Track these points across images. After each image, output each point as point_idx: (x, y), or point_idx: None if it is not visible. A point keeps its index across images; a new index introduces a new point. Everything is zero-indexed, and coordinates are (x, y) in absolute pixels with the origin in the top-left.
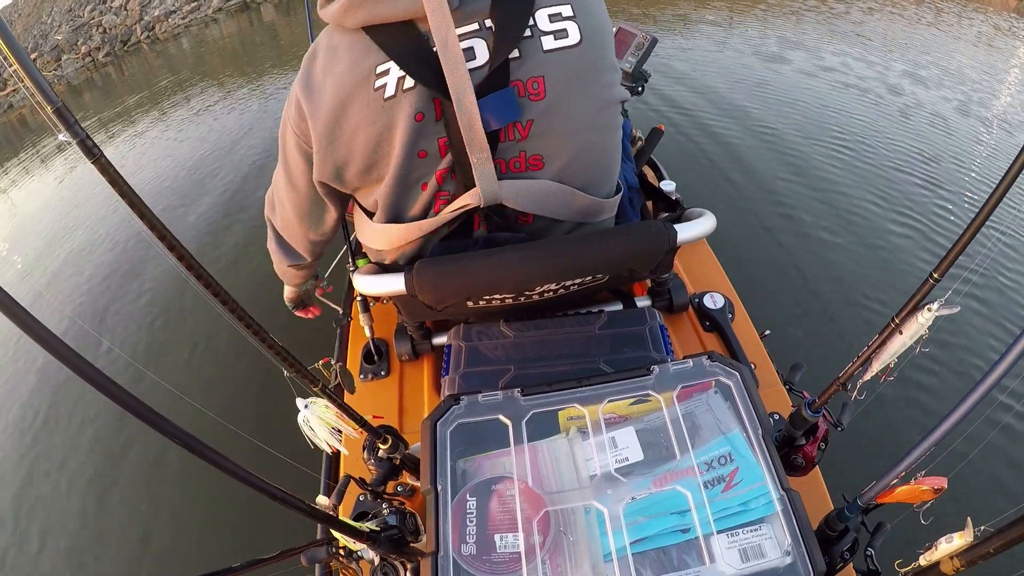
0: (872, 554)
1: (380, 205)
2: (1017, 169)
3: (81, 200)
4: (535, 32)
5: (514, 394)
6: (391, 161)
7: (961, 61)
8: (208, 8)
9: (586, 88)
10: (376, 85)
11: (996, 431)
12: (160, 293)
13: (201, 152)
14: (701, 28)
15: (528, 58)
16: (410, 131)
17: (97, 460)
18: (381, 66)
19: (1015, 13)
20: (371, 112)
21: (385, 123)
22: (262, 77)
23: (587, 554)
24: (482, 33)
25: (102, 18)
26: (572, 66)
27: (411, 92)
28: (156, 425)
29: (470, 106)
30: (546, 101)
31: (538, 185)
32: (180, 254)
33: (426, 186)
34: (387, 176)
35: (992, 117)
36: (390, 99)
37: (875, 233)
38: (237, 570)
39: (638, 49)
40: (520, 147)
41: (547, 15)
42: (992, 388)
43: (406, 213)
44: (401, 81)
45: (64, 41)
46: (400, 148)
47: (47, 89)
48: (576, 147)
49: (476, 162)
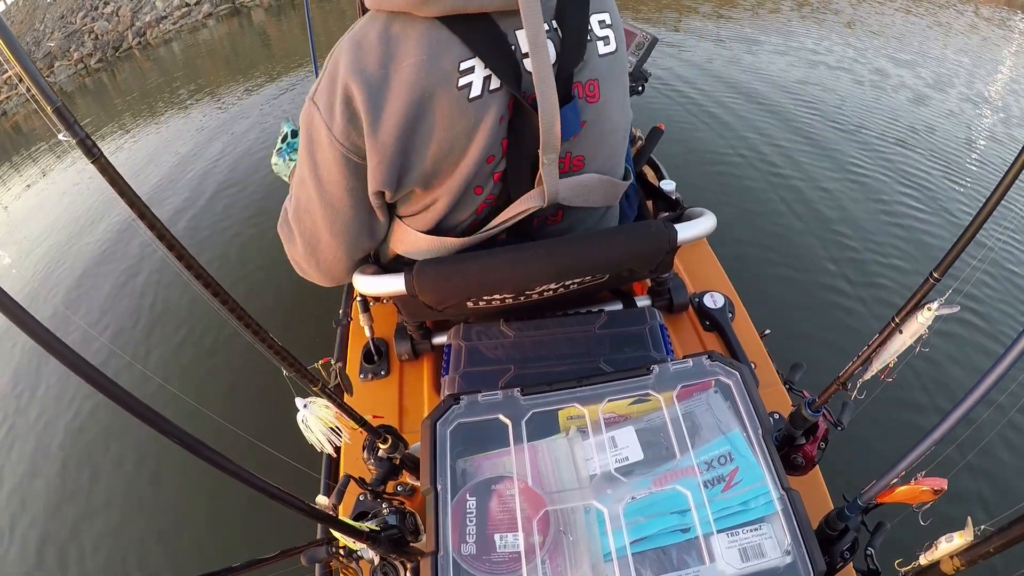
0: (872, 554)
1: (431, 211)
2: (1018, 169)
3: (77, 200)
4: (592, 36)
5: (514, 394)
6: (461, 166)
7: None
8: (199, 13)
9: (619, 92)
10: (460, 83)
11: (996, 431)
12: (161, 291)
13: (199, 152)
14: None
15: (588, 61)
16: (491, 134)
17: (96, 460)
18: (465, 63)
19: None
20: (454, 114)
21: (466, 126)
22: (252, 78)
23: (587, 554)
24: (550, 34)
25: (94, 24)
26: (614, 71)
27: (497, 93)
28: (155, 425)
29: (552, 107)
30: (599, 104)
31: (588, 179)
32: (180, 253)
33: (480, 190)
34: (452, 181)
35: (991, 109)
36: (475, 99)
37: (876, 233)
38: (237, 570)
39: (639, 49)
40: (567, 148)
41: (597, 21)
42: (992, 388)
43: (456, 217)
44: (487, 81)
45: (57, 48)
46: (476, 153)
47: (47, 89)
48: (609, 147)
49: (547, 162)
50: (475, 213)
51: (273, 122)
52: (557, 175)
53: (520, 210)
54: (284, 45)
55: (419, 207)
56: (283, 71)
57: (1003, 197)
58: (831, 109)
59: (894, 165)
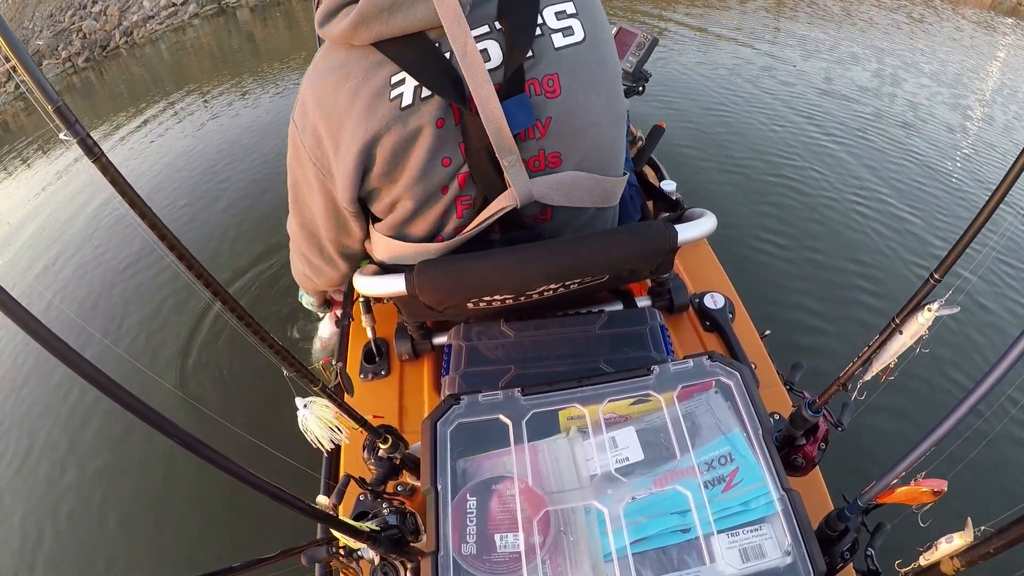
0: (872, 554)
1: (398, 210)
2: (1018, 170)
3: (72, 200)
4: (545, 30)
5: (514, 394)
6: (409, 168)
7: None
8: (185, 13)
9: (595, 83)
10: (392, 96)
11: (997, 431)
12: (160, 292)
13: (196, 152)
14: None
15: (541, 57)
16: (432, 138)
17: (95, 459)
18: (395, 76)
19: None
20: (390, 122)
21: (404, 132)
22: (242, 78)
23: (587, 554)
24: (493, 35)
25: (82, 23)
26: (582, 62)
27: (429, 100)
28: (156, 424)
29: (495, 111)
30: (562, 98)
31: (568, 177)
32: (180, 253)
33: (447, 190)
34: (405, 182)
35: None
36: (408, 108)
37: (876, 232)
38: (237, 570)
39: (639, 49)
40: (539, 145)
41: (554, 12)
42: (993, 388)
43: (430, 218)
44: (418, 91)
45: (45, 46)
46: (421, 155)
47: (48, 88)
48: (590, 141)
49: (507, 164)
50: (456, 216)
51: (271, 122)
52: (524, 174)
53: (494, 211)
54: (270, 45)
55: (384, 206)
56: (269, 70)
57: (1003, 198)
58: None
59: (898, 161)
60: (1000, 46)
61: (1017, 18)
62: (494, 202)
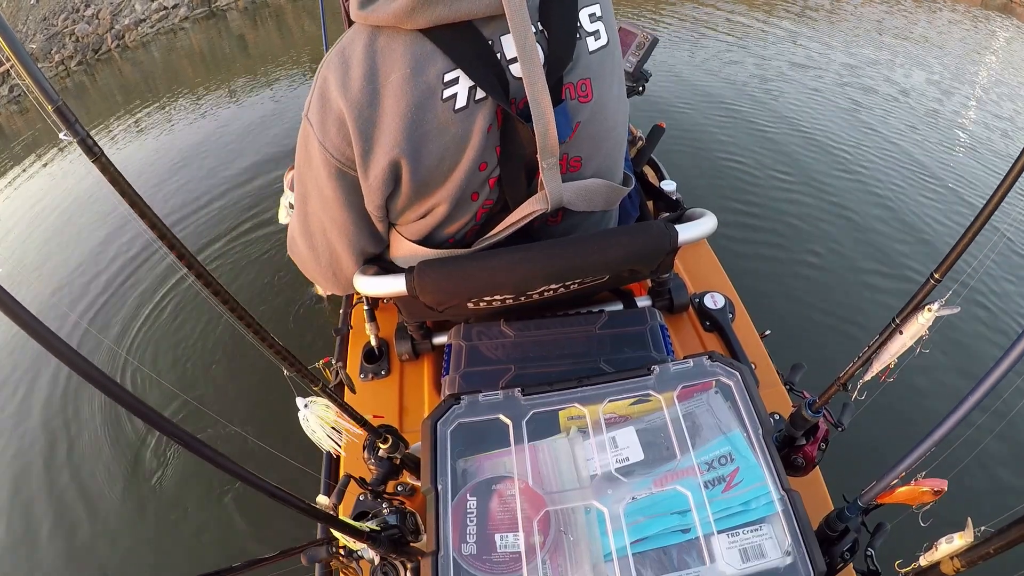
0: (872, 554)
1: (429, 218)
2: (1018, 170)
3: (70, 200)
4: (581, 33)
5: (514, 394)
6: (455, 175)
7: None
8: (175, 17)
9: (614, 88)
10: (445, 95)
11: (996, 431)
12: (160, 292)
13: (193, 152)
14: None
15: (577, 61)
16: (481, 143)
17: (94, 459)
18: (449, 74)
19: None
20: (441, 125)
21: (455, 137)
22: (233, 78)
23: (587, 554)
24: (536, 36)
25: (75, 27)
26: (607, 66)
27: (484, 103)
28: (156, 424)
29: (547, 112)
30: (593, 103)
31: (592, 183)
32: (180, 253)
33: (476, 196)
34: (446, 191)
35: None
36: (461, 110)
37: (877, 232)
38: (237, 570)
39: (639, 49)
40: (564, 149)
41: (587, 15)
42: (993, 388)
43: (455, 224)
44: (473, 91)
45: (39, 50)
46: (468, 162)
47: (48, 88)
48: (608, 146)
49: (546, 167)
50: (474, 219)
51: (265, 121)
52: (559, 179)
53: (525, 214)
54: (260, 48)
55: (416, 215)
56: (261, 71)
57: (1004, 198)
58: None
59: (898, 162)
60: (997, 45)
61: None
62: (524, 205)
